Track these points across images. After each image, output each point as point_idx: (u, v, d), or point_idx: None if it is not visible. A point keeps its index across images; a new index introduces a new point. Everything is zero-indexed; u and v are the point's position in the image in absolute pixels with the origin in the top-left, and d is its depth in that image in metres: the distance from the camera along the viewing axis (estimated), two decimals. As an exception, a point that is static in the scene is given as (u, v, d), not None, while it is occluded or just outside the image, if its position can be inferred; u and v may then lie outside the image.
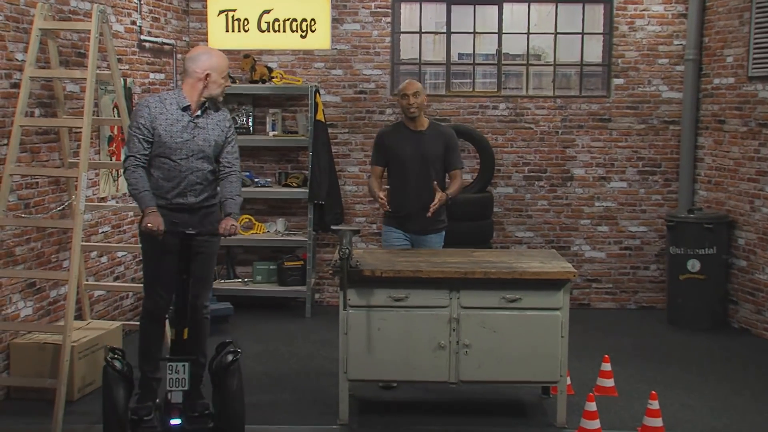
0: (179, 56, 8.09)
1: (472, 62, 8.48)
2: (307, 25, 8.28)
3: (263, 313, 7.99)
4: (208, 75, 4.85)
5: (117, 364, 4.60)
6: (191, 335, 4.73)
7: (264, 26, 8.30)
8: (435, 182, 5.86)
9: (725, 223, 7.68)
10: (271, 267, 8.21)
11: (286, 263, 8.08)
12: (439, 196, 5.77)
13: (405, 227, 6.04)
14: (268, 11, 8.28)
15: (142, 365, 5.10)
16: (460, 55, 8.54)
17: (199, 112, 4.90)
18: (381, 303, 5.08)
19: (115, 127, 6.76)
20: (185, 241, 4.62)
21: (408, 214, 5.99)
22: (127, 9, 7.10)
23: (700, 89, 8.16)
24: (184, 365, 4.54)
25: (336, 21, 8.31)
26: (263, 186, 8.21)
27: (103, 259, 6.77)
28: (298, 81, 8.14)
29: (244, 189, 8.00)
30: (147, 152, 4.80)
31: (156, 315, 5.10)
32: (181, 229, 4.67)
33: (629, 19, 8.28)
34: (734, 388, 6.01)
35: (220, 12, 8.31)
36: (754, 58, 7.39)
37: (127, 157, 4.81)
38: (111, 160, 6.78)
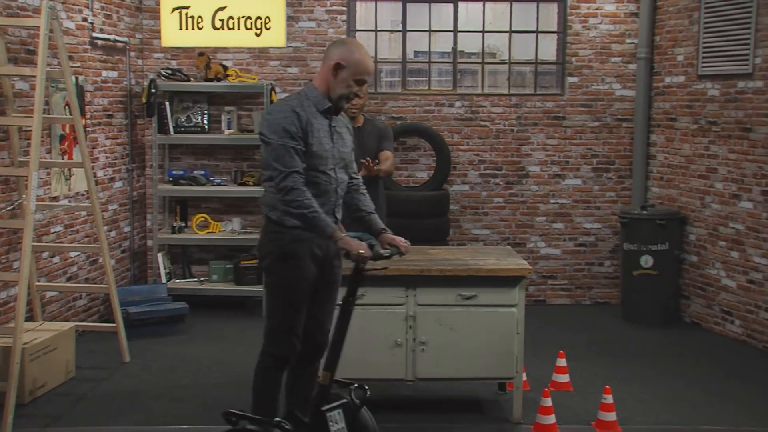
0: (132, 54, 7.99)
1: (427, 60, 8.50)
2: (261, 22, 8.22)
3: (219, 312, 7.93)
4: (338, 66, 4.11)
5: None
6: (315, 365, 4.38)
7: (218, 24, 8.22)
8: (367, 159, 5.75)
9: (677, 219, 7.80)
10: (227, 266, 8.15)
11: (242, 262, 8.03)
12: (369, 166, 5.72)
13: (352, 227, 5.90)
14: (222, 9, 8.20)
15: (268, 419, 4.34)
16: (416, 53, 8.56)
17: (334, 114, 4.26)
18: (337, 301, 5.05)
19: (67, 125, 6.65)
20: (363, 265, 4.09)
21: None
22: (78, 5, 6.99)
23: (652, 87, 8.28)
24: (340, 412, 4.14)
25: (291, 19, 8.27)
26: (219, 184, 8.14)
27: (56, 259, 6.66)
28: (254, 79, 8.09)
29: (199, 188, 8.02)
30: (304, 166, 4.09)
31: (289, 361, 4.31)
32: (381, 251, 4.13)
33: (582, 18, 8.37)
34: (685, 381, 6.10)
35: (174, 9, 8.21)
36: (703, 57, 7.52)
37: (288, 174, 4.00)
38: (63, 159, 6.68)
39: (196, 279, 8.24)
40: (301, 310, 4.23)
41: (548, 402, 5.01)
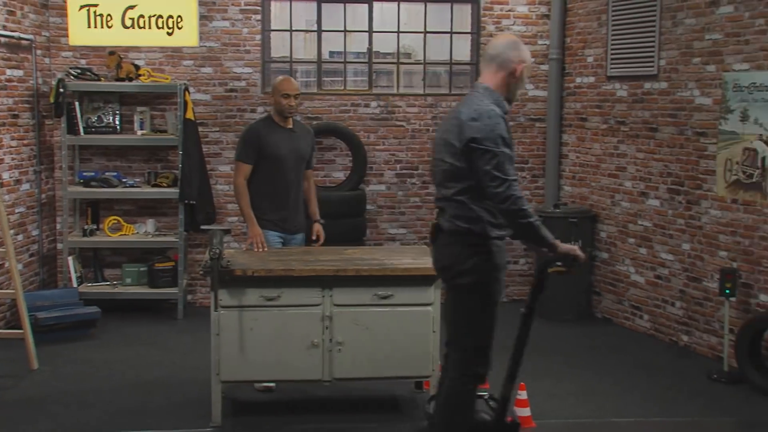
0: (39, 52, 7.76)
1: (343, 60, 8.50)
2: (173, 21, 8.08)
3: (133, 316, 7.77)
4: (523, 67, 4.05)
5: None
6: None
7: (128, 22, 8.04)
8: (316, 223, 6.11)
9: (589, 217, 7.98)
10: (141, 269, 7.98)
11: (156, 265, 7.89)
12: (317, 229, 6.11)
13: (282, 227, 5.95)
14: (132, 7, 8.02)
15: None
16: (331, 53, 8.54)
17: None
18: (253, 303, 5.02)
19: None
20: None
21: (287, 215, 5.93)
22: (-19, 2, 6.76)
23: (564, 88, 8.45)
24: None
25: (204, 18, 8.16)
26: (132, 186, 7.96)
27: (-41, 264, 6.43)
28: (167, 79, 7.94)
29: (111, 190, 7.85)
30: None
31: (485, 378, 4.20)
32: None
33: (496, 19, 8.49)
34: (597, 376, 6.26)
35: (81, 7, 7.99)
36: (612, 59, 7.72)
37: (511, 183, 3.86)
38: (-35, 160, 6.45)
39: (108, 282, 8.06)
40: (496, 323, 4.14)
41: (464, 399, 5.06)
